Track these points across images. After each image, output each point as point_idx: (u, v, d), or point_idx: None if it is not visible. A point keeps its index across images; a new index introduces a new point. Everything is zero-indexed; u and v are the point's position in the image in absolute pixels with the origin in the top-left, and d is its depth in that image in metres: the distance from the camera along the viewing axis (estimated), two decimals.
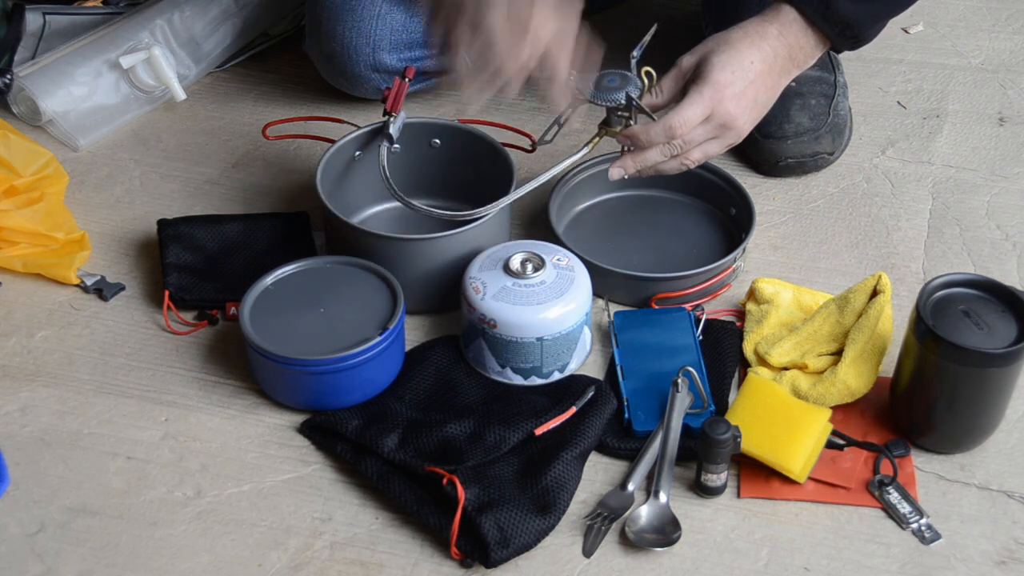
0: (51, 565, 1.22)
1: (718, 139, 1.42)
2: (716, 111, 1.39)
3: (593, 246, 1.49)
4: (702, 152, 1.42)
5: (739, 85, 1.39)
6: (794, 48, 1.43)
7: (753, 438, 1.26)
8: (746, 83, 1.40)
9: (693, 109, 1.38)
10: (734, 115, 1.40)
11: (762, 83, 1.41)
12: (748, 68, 1.40)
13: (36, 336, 1.45)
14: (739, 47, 1.40)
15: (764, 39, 1.41)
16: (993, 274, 1.42)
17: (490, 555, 1.19)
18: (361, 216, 1.57)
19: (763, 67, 1.41)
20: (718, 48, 1.41)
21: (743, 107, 1.40)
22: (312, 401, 1.34)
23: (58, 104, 1.70)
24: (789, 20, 1.42)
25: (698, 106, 1.38)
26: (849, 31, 1.42)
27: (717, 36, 1.43)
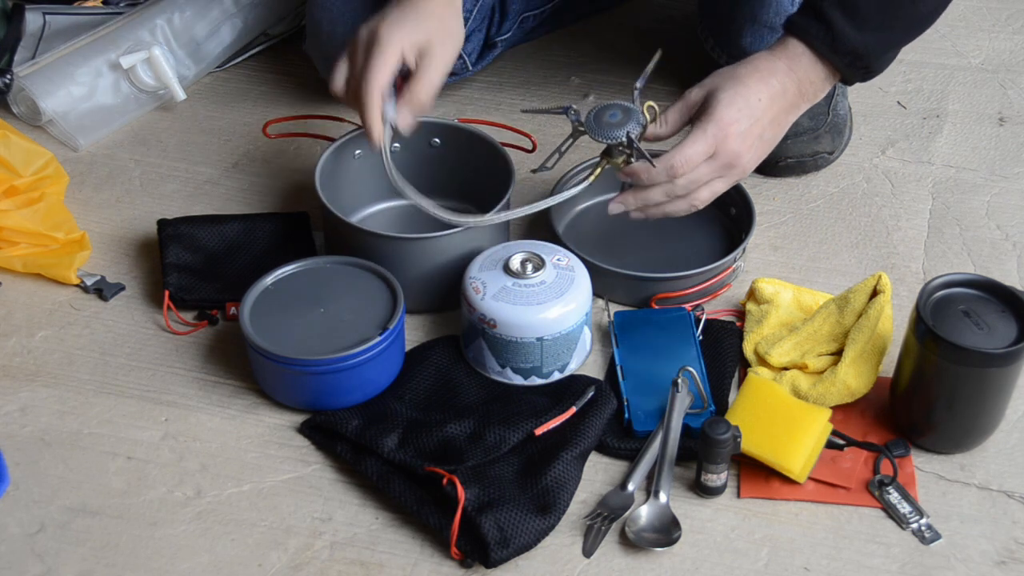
0: (51, 565, 1.22)
1: (723, 178, 1.38)
2: (720, 149, 1.35)
3: (593, 246, 1.49)
4: (709, 191, 1.38)
5: (744, 123, 1.36)
6: (804, 83, 1.39)
7: (753, 438, 1.26)
8: (752, 120, 1.36)
9: (695, 147, 1.35)
10: (739, 153, 1.36)
11: (769, 120, 1.38)
12: (755, 105, 1.36)
13: (36, 336, 1.45)
14: (747, 83, 1.37)
15: (773, 75, 1.37)
16: (993, 274, 1.42)
17: (490, 555, 1.19)
18: (361, 216, 1.57)
19: (770, 104, 1.37)
20: (725, 84, 1.37)
21: (748, 145, 1.37)
22: (312, 401, 1.34)
23: (58, 104, 1.70)
24: (797, 54, 1.38)
25: (700, 144, 1.35)
26: (859, 61, 1.38)
27: (725, 71, 1.40)
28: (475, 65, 1.79)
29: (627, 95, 1.78)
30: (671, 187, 1.37)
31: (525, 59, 1.85)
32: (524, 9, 1.80)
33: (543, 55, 1.86)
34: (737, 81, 1.37)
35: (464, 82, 1.80)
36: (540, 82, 1.81)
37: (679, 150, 1.35)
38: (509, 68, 1.84)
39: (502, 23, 1.78)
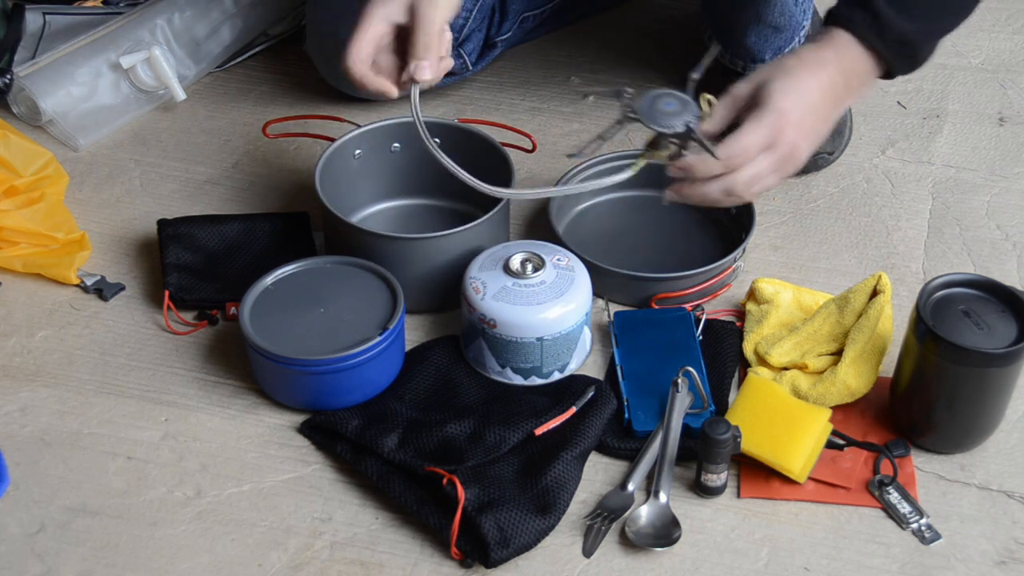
0: (51, 565, 1.22)
1: (778, 171, 1.33)
2: (778, 140, 1.30)
3: (593, 246, 1.49)
4: (762, 186, 1.33)
5: (798, 113, 1.31)
6: (850, 75, 1.35)
7: (753, 438, 1.26)
8: (805, 112, 1.32)
9: (752, 137, 1.29)
10: (796, 143, 1.31)
11: (820, 112, 1.34)
12: (808, 96, 1.32)
13: (36, 336, 1.45)
14: (798, 74, 1.33)
15: (822, 66, 1.34)
16: (993, 274, 1.42)
17: (490, 555, 1.19)
18: (361, 216, 1.57)
19: (821, 96, 1.33)
20: (776, 75, 1.33)
21: (803, 135, 1.32)
22: (312, 401, 1.34)
23: (58, 104, 1.70)
24: (844, 43, 1.34)
25: (758, 134, 1.30)
26: (906, 50, 1.35)
27: (772, 64, 1.36)
28: (475, 65, 1.79)
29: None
30: (729, 182, 1.31)
31: (525, 59, 1.85)
32: (524, 9, 1.80)
33: (543, 55, 1.86)
34: (787, 72, 1.33)
35: (464, 82, 1.80)
36: (540, 82, 1.81)
37: (736, 139, 1.29)
38: (509, 68, 1.84)
39: (502, 23, 1.78)
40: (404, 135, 1.54)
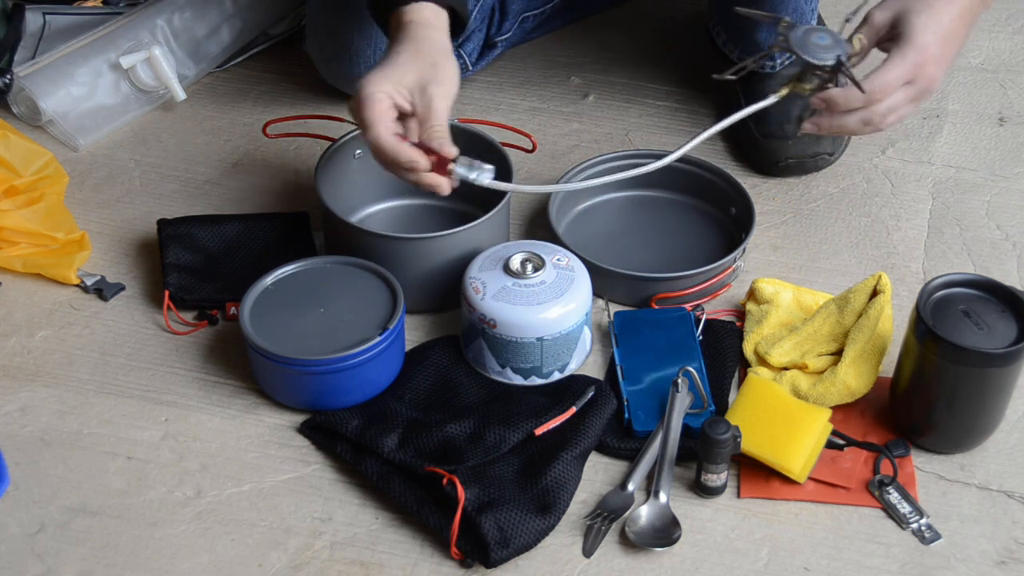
0: (51, 565, 1.22)
1: (915, 102, 1.39)
2: (919, 75, 1.36)
3: (593, 246, 1.49)
4: (898, 116, 1.39)
5: (938, 47, 1.35)
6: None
7: (753, 438, 1.26)
8: (944, 43, 1.36)
9: (895, 73, 1.35)
10: (935, 78, 1.37)
11: (956, 38, 1.38)
12: (946, 26, 1.36)
13: (36, 336, 1.45)
14: (936, 5, 1.36)
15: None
16: (993, 274, 1.42)
17: (490, 555, 1.19)
18: (361, 216, 1.57)
19: (959, 22, 1.37)
20: (914, 6, 1.36)
21: (941, 68, 1.37)
22: (312, 401, 1.34)
23: (58, 104, 1.70)
24: None
25: (900, 70, 1.35)
26: None
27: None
28: (475, 65, 1.79)
29: (627, 95, 1.79)
30: (868, 114, 1.37)
31: (525, 59, 1.85)
32: (524, 9, 1.80)
33: (543, 55, 1.86)
34: (927, 5, 1.36)
35: (464, 82, 1.79)
36: (540, 82, 1.81)
37: (879, 75, 1.35)
38: (509, 68, 1.84)
39: (502, 23, 1.78)
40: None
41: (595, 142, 1.71)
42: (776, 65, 1.64)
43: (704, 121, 1.74)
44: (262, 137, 1.66)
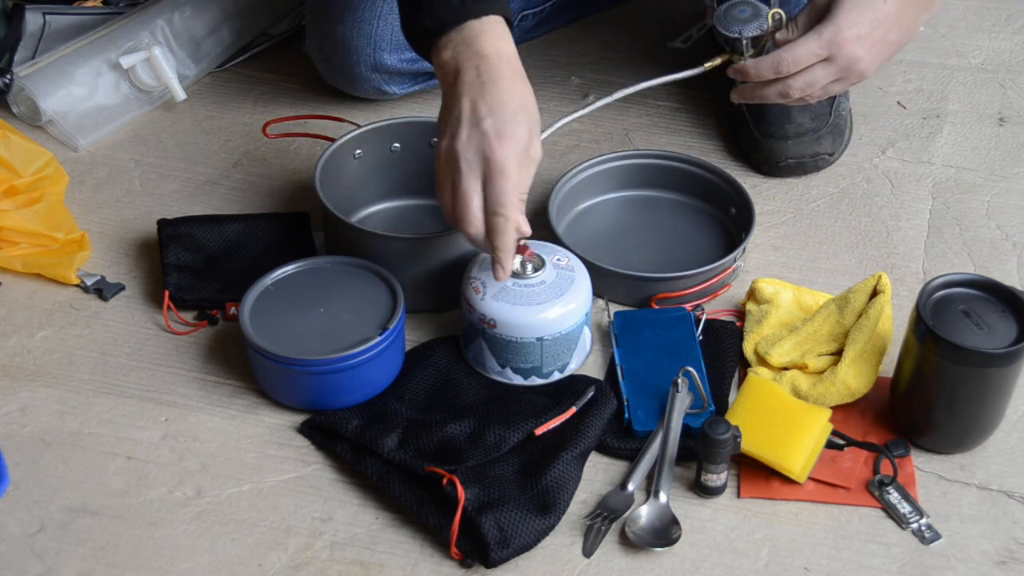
0: (51, 565, 1.22)
1: (840, 81, 1.39)
2: (836, 53, 1.36)
3: (593, 246, 1.49)
4: (824, 92, 1.40)
5: (865, 27, 1.35)
6: None
7: (753, 438, 1.26)
8: (874, 23, 1.36)
9: (805, 47, 1.36)
10: (856, 56, 1.36)
11: (894, 22, 1.37)
12: (879, 7, 1.35)
13: (36, 336, 1.45)
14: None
15: None
16: (993, 274, 1.42)
17: (490, 555, 1.19)
18: (361, 216, 1.57)
19: (898, 5, 1.36)
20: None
21: (867, 48, 1.36)
22: (312, 401, 1.34)
23: (58, 104, 1.70)
24: None
25: (812, 45, 1.36)
26: None
27: None
28: None
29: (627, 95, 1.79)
30: (785, 87, 1.38)
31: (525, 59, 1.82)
32: (523, 8, 1.80)
33: (543, 55, 1.86)
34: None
35: None
36: (540, 82, 1.81)
37: (788, 48, 1.37)
38: None
39: None
40: (404, 135, 1.54)
41: (595, 142, 1.71)
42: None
43: (704, 121, 1.74)
44: (262, 137, 1.66)
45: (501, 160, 1.21)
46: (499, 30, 1.26)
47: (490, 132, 1.22)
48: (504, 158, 1.21)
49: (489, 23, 1.25)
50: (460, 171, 1.23)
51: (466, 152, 1.22)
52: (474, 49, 1.24)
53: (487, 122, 1.22)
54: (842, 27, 1.35)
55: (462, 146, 1.23)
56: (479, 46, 1.24)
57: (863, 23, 1.36)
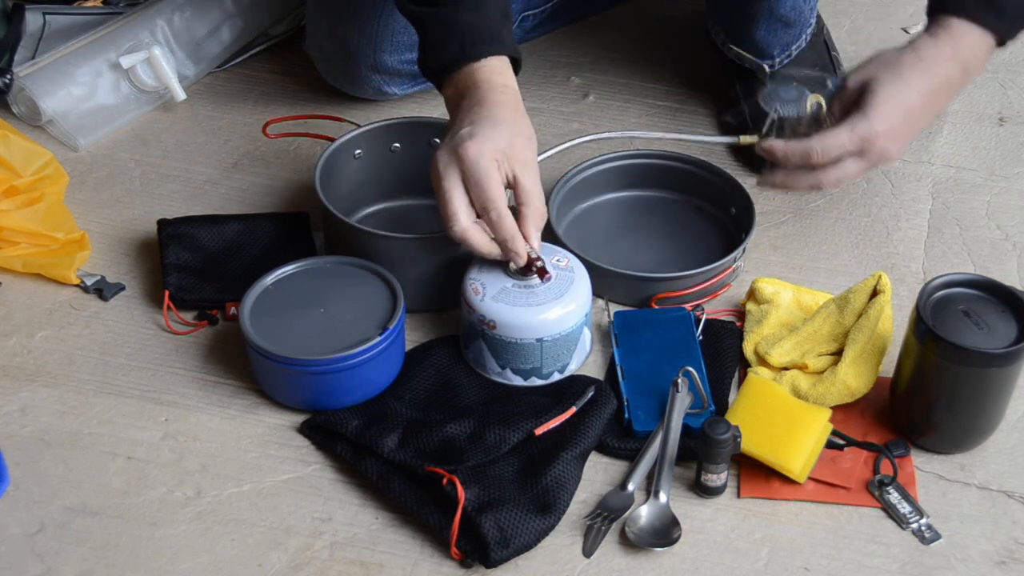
0: (51, 565, 1.22)
1: (865, 172, 1.38)
2: (868, 148, 1.35)
3: (593, 246, 1.49)
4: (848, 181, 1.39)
5: (897, 122, 1.34)
6: (970, 62, 1.36)
7: (753, 438, 1.26)
8: (905, 118, 1.35)
9: (838, 139, 1.34)
10: (888, 151, 1.35)
11: (924, 112, 1.36)
12: (912, 101, 1.35)
13: (36, 336, 1.45)
14: (907, 78, 1.34)
15: (936, 65, 1.35)
16: (993, 274, 1.42)
17: (490, 555, 1.19)
18: (361, 216, 1.57)
19: (928, 97, 1.35)
20: (884, 76, 1.35)
21: (899, 142, 1.36)
22: (312, 401, 1.34)
23: (58, 104, 1.70)
24: (962, 33, 1.35)
25: (844, 137, 1.34)
26: (1021, 20, 1.35)
27: (886, 57, 1.37)
28: None
29: (627, 95, 1.79)
30: (816, 180, 1.37)
31: (525, 59, 1.83)
32: (524, 8, 1.80)
33: (543, 55, 1.86)
34: (898, 75, 1.35)
35: None
36: (540, 82, 1.81)
37: (820, 138, 1.35)
38: None
39: None
40: (404, 135, 1.54)
41: (595, 142, 1.70)
42: (775, 64, 1.64)
43: (704, 121, 1.74)
44: (262, 137, 1.66)
45: (474, 156, 1.26)
46: (498, 67, 1.34)
47: (465, 135, 1.28)
48: (477, 153, 1.26)
49: (489, 63, 1.33)
50: (439, 173, 1.29)
51: (442, 156, 1.29)
52: (472, 84, 1.33)
53: (465, 129, 1.28)
54: (874, 123, 1.34)
55: (441, 153, 1.29)
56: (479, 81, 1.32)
57: (895, 117, 1.34)
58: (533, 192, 1.30)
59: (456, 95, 1.35)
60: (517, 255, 1.31)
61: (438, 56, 1.35)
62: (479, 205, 1.28)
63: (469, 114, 1.30)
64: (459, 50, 1.33)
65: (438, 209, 1.30)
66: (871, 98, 1.35)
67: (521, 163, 1.29)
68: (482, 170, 1.26)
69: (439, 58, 1.35)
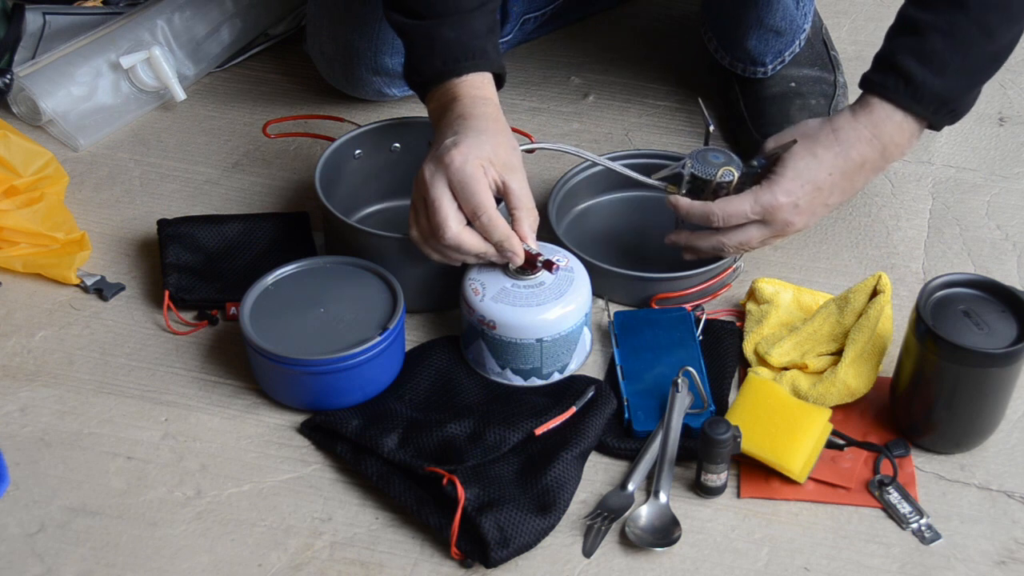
0: (51, 565, 1.22)
1: (769, 241, 1.39)
2: (771, 219, 1.36)
3: (593, 246, 1.49)
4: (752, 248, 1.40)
5: (803, 197, 1.35)
6: (889, 147, 1.36)
7: (753, 438, 1.26)
8: (812, 194, 1.35)
9: (738, 208, 1.35)
10: (792, 223, 1.36)
11: (834, 190, 1.36)
12: (821, 179, 1.35)
13: (36, 336, 1.45)
14: (820, 155, 1.35)
15: (852, 147, 1.35)
16: (993, 274, 1.42)
17: (490, 555, 1.19)
18: (361, 216, 1.57)
19: (840, 177, 1.36)
20: (798, 150, 1.36)
21: (803, 216, 1.36)
22: (312, 401, 1.34)
23: (58, 104, 1.70)
24: (882, 115, 1.35)
25: (745, 207, 1.35)
26: (945, 107, 1.35)
27: (807, 128, 1.38)
28: None
29: (627, 95, 1.79)
30: (719, 243, 1.38)
31: (525, 59, 1.85)
32: (525, 11, 1.80)
33: (543, 55, 1.86)
34: (810, 151, 1.35)
35: None
36: (540, 82, 1.81)
37: (724, 203, 1.36)
38: (509, 68, 1.81)
39: (503, 25, 1.78)
40: (404, 135, 1.54)
41: (595, 142, 1.71)
42: (768, 71, 1.64)
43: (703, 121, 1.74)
44: (262, 137, 1.66)
45: (459, 163, 1.27)
46: (479, 82, 1.35)
47: (449, 144, 1.28)
48: (462, 160, 1.27)
49: (471, 78, 1.34)
50: (426, 184, 1.29)
51: (428, 167, 1.29)
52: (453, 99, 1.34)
53: (449, 139, 1.29)
54: (778, 195, 1.35)
55: (427, 165, 1.30)
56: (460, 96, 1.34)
57: (802, 194, 1.35)
58: (523, 195, 1.30)
59: (439, 109, 1.36)
60: (514, 255, 1.31)
61: (421, 70, 1.36)
62: (469, 211, 1.28)
63: (452, 126, 1.31)
64: (441, 65, 1.34)
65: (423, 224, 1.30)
66: (780, 169, 1.36)
67: (508, 168, 1.30)
68: (468, 175, 1.27)
69: (422, 72, 1.36)
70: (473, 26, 1.35)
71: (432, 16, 1.34)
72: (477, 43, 1.35)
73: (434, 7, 1.34)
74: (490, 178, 1.29)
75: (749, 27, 1.61)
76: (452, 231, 1.28)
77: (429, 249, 1.32)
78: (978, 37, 1.33)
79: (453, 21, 1.34)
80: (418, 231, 1.32)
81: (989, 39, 1.33)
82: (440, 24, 1.34)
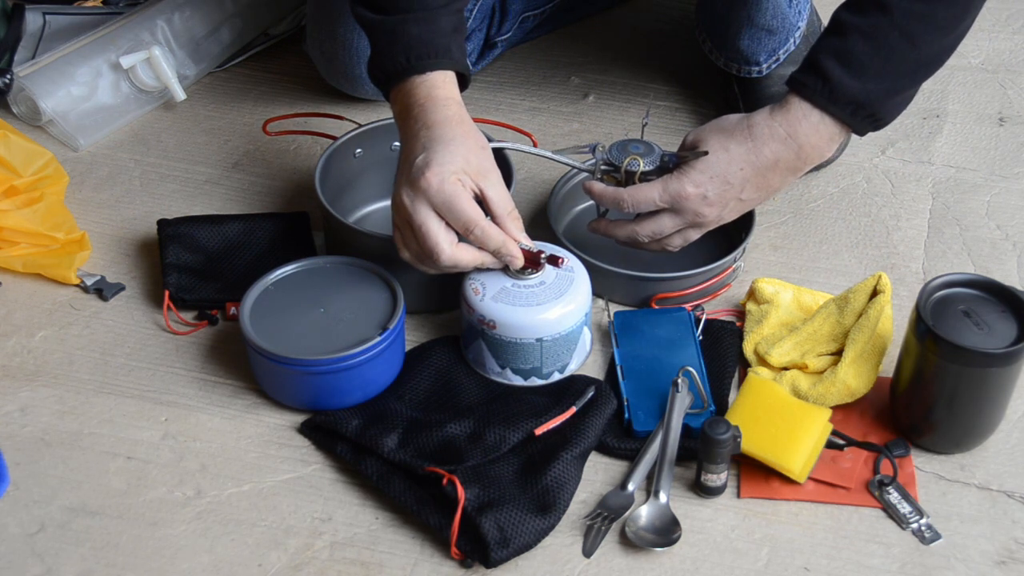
0: (51, 565, 1.22)
1: (681, 234, 1.40)
2: (679, 207, 1.36)
3: (593, 246, 1.49)
4: (681, 239, 1.40)
5: (712, 189, 1.35)
6: (805, 148, 1.35)
7: (753, 438, 1.26)
8: (723, 188, 1.35)
9: (646, 195, 1.36)
10: (703, 214, 1.37)
11: (746, 186, 1.36)
12: (731, 173, 1.35)
13: (36, 336, 1.45)
14: (732, 151, 1.35)
15: (765, 145, 1.35)
16: (993, 274, 1.42)
17: (490, 555, 1.19)
18: (361, 216, 1.57)
19: (752, 174, 1.36)
20: (712, 143, 1.36)
21: (714, 208, 1.37)
22: (312, 401, 1.34)
23: (58, 104, 1.71)
24: (799, 113, 1.34)
25: (653, 194, 1.36)
26: (862, 111, 1.34)
27: (725, 123, 1.38)
28: (475, 65, 1.79)
29: (627, 95, 1.79)
30: (632, 232, 1.40)
31: (525, 59, 1.85)
32: (524, 9, 1.80)
33: (543, 55, 1.86)
34: (723, 146, 1.36)
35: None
36: (540, 82, 1.81)
37: (633, 190, 1.37)
38: (509, 68, 1.84)
39: (502, 23, 1.78)
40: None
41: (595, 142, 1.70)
42: (763, 69, 1.64)
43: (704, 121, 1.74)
44: (262, 137, 1.66)
45: (437, 185, 1.25)
46: (441, 81, 1.33)
47: (421, 164, 1.27)
48: (439, 180, 1.25)
49: (433, 77, 1.32)
50: (407, 210, 1.27)
51: (406, 192, 1.27)
52: (415, 102, 1.32)
53: (420, 158, 1.27)
54: (686, 185, 1.35)
55: (403, 189, 1.28)
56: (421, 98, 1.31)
57: (711, 186, 1.35)
58: (503, 201, 1.30)
59: (402, 111, 1.33)
60: (513, 257, 1.31)
61: (383, 65, 1.34)
62: (460, 228, 1.27)
63: (418, 139, 1.29)
64: (404, 61, 1.33)
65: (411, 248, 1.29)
66: (693, 161, 1.36)
67: (482, 174, 1.29)
68: (449, 195, 1.25)
69: (384, 67, 1.34)
70: (438, 24, 1.33)
71: (397, 12, 1.33)
72: (441, 41, 1.33)
73: (399, 3, 1.33)
74: (468, 189, 1.28)
75: (740, 27, 1.61)
76: (447, 253, 1.27)
77: (424, 268, 1.32)
78: (900, 43, 1.32)
79: (418, 18, 1.33)
80: (410, 254, 1.31)
81: (912, 46, 1.32)
82: (405, 20, 1.33)
